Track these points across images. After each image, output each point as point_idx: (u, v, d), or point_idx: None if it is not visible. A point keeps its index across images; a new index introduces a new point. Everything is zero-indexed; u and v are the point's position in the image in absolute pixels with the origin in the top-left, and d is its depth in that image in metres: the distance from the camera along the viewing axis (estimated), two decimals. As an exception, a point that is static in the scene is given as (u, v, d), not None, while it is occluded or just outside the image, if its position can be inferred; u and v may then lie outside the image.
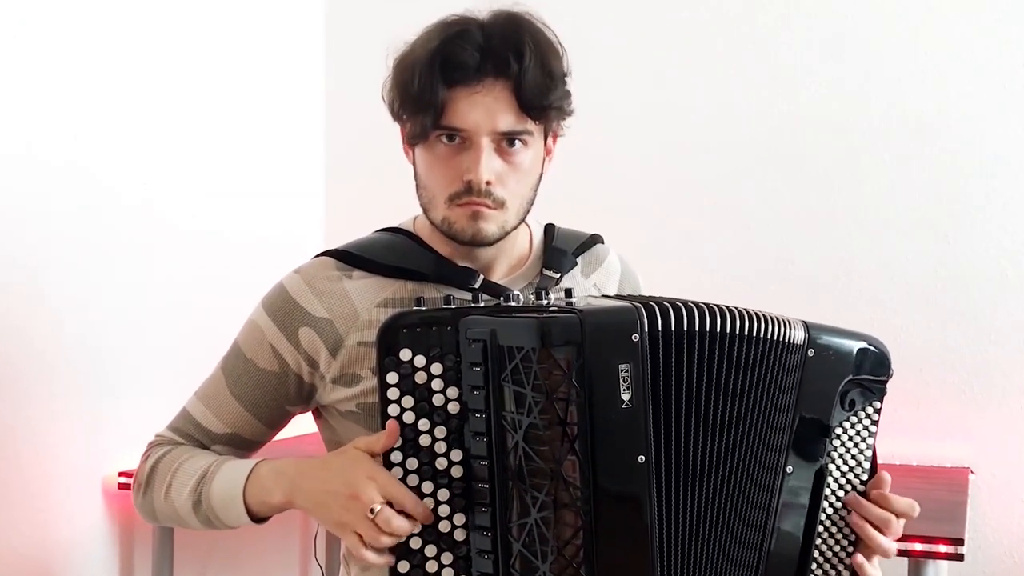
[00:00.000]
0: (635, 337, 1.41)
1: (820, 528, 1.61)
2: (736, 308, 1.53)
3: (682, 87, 3.12)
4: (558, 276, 1.71)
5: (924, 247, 2.93)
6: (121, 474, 2.53)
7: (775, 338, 1.54)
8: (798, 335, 1.56)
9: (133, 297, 2.63)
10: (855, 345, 1.61)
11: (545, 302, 1.51)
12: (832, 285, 2.97)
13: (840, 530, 1.62)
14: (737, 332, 1.51)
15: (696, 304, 1.50)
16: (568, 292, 1.54)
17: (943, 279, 2.90)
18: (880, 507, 1.60)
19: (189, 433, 1.72)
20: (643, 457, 1.41)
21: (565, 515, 1.39)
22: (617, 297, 1.67)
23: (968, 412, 2.87)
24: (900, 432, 1.66)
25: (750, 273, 3.02)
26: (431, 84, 1.54)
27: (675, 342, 1.46)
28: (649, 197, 3.13)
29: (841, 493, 1.62)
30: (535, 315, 1.42)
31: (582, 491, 1.38)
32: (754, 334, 1.53)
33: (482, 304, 1.52)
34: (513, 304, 1.52)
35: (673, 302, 1.49)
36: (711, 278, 3.04)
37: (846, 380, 1.60)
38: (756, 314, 1.54)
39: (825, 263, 2.98)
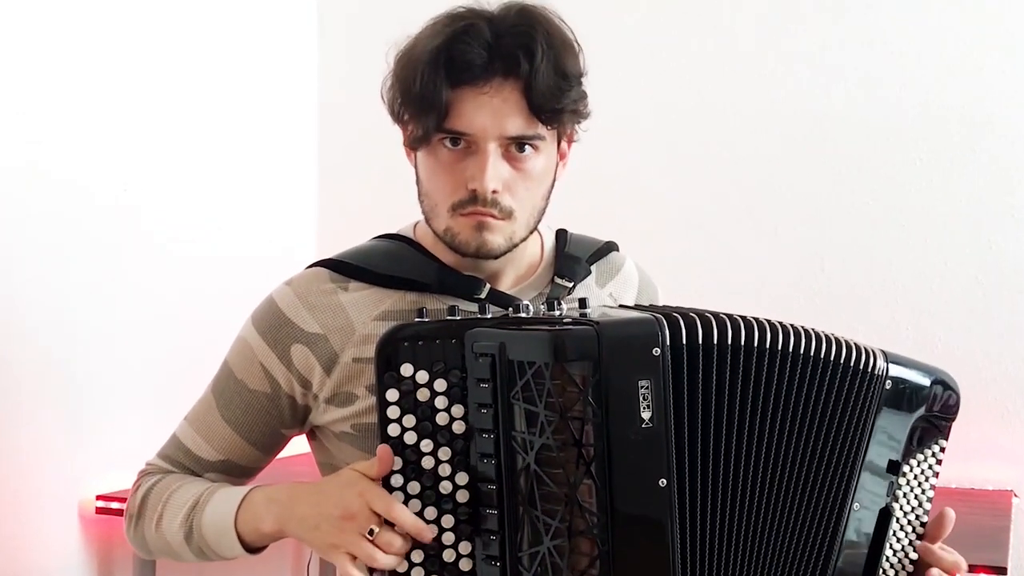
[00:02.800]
0: (656, 351, 1.40)
1: (879, 572, 1.61)
2: (796, 326, 1.53)
3: (706, 85, 3.12)
4: (571, 285, 1.70)
5: (965, 253, 2.92)
6: (99, 497, 2.52)
7: (849, 364, 1.54)
8: (878, 364, 1.57)
9: (111, 310, 2.62)
10: (930, 379, 1.62)
11: (558, 313, 1.50)
12: (867, 294, 2.96)
13: (898, 574, 1.63)
14: (789, 351, 1.51)
15: (732, 317, 1.49)
16: (582, 302, 1.53)
17: (985, 287, 2.90)
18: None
19: (180, 461, 1.71)
20: (664, 481, 1.40)
21: (580, 543, 1.38)
22: (637, 308, 1.66)
23: (1012, 431, 2.86)
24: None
25: (779, 282, 3.01)
26: (434, 84, 1.53)
27: (703, 357, 1.45)
28: (668, 201, 3.13)
29: (902, 535, 1.63)
30: (547, 327, 1.41)
31: (598, 517, 1.38)
32: (812, 354, 1.52)
33: (489, 316, 1.51)
34: (523, 315, 1.52)
35: (702, 314, 1.48)
36: (736, 287, 3.02)
37: (918, 416, 1.61)
38: (823, 336, 1.54)
39: (859, 271, 2.97)
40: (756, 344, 1.49)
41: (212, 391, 1.71)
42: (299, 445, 1.79)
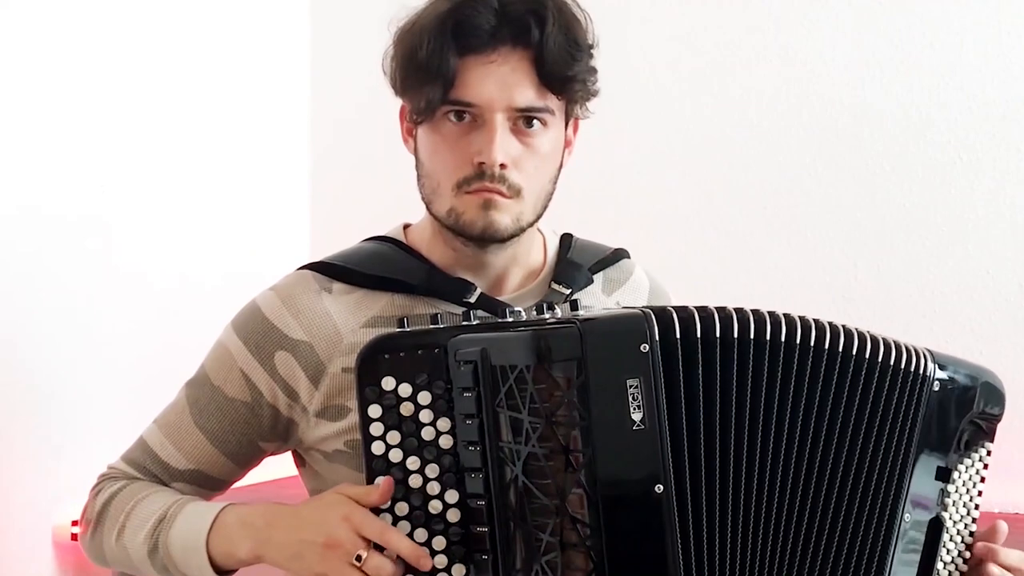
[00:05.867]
0: (644, 347, 1.40)
1: None
2: (828, 322, 1.54)
3: (729, 77, 3.08)
4: (567, 292, 1.71)
5: (1010, 259, 2.87)
6: (74, 523, 2.49)
7: (890, 363, 1.56)
8: (927, 366, 1.58)
9: (87, 317, 2.59)
10: (978, 379, 1.64)
11: (547, 316, 1.51)
12: (903, 303, 2.92)
13: None
14: (810, 345, 1.51)
15: (741, 311, 1.49)
16: (574, 304, 1.54)
17: (1031, 295, 2.88)
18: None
19: (146, 467, 1.72)
20: (661, 487, 1.39)
21: (574, 557, 1.39)
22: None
23: (1062, 451, 2.82)
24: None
25: (808, 290, 2.97)
26: (441, 51, 1.55)
27: (703, 352, 1.45)
28: (688, 203, 3.10)
29: (951, 546, 1.63)
30: (529, 329, 1.43)
31: (591, 528, 1.37)
32: (846, 351, 1.53)
33: (475, 322, 1.52)
34: (510, 320, 1.52)
35: (704, 308, 1.47)
36: (762, 295, 2.93)
37: (965, 419, 1.62)
38: (865, 334, 1.56)
39: (895, 279, 2.93)
40: (768, 339, 1.49)
41: (185, 396, 1.72)
42: (290, 467, 1.80)
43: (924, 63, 2.93)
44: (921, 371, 1.57)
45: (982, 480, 1.66)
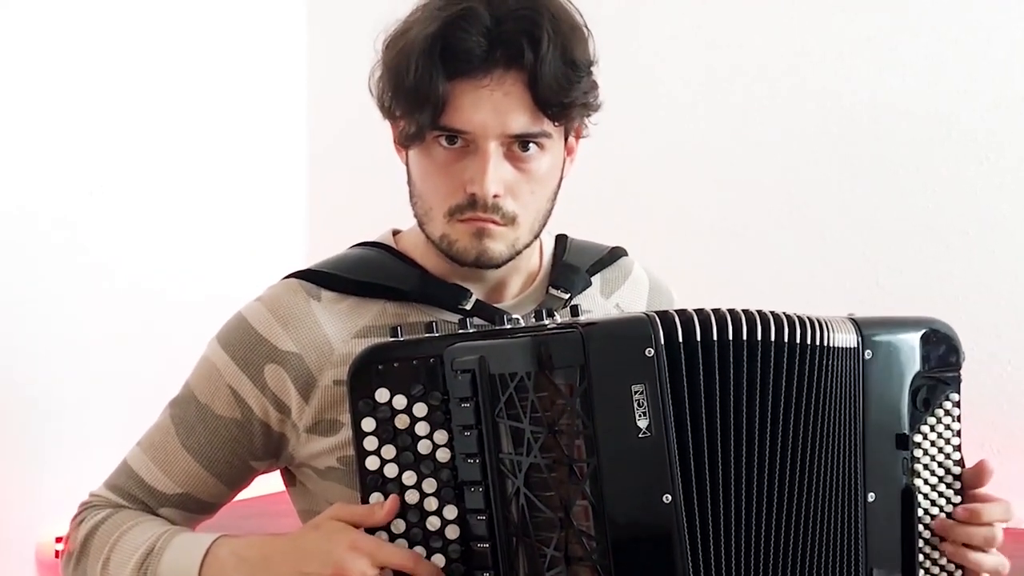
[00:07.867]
0: (649, 352, 1.39)
1: (920, 557, 1.60)
2: (778, 313, 1.53)
3: (744, 73, 3.09)
4: (566, 297, 1.71)
5: (1038, 264, 2.89)
6: (59, 540, 2.51)
7: (828, 344, 1.54)
8: (849, 337, 1.56)
9: (76, 325, 2.59)
10: (917, 334, 1.63)
11: (548, 322, 1.50)
12: (925, 308, 2.87)
13: (943, 554, 1.63)
14: (786, 341, 1.51)
15: (732, 311, 1.49)
16: (574, 309, 1.54)
17: (1059, 302, 2.87)
18: (974, 524, 1.61)
19: (132, 493, 1.70)
20: (669, 496, 1.39)
21: (580, 572, 1.38)
22: None
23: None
24: (1001, 486, 1.66)
25: (827, 296, 2.97)
26: (429, 76, 1.53)
27: (703, 355, 1.45)
28: (700, 206, 3.11)
29: (935, 510, 1.62)
30: (529, 335, 1.42)
31: (597, 542, 1.37)
32: (799, 340, 1.52)
33: (472, 329, 1.51)
34: (508, 327, 1.52)
35: (700, 310, 1.47)
36: (778, 302, 2.96)
37: (915, 377, 1.61)
38: (799, 318, 1.54)
39: (917, 283, 2.93)
40: (760, 338, 1.49)
41: (171, 417, 1.70)
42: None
43: (949, 60, 2.93)
44: (844, 343, 1.56)
45: (956, 434, 1.64)
